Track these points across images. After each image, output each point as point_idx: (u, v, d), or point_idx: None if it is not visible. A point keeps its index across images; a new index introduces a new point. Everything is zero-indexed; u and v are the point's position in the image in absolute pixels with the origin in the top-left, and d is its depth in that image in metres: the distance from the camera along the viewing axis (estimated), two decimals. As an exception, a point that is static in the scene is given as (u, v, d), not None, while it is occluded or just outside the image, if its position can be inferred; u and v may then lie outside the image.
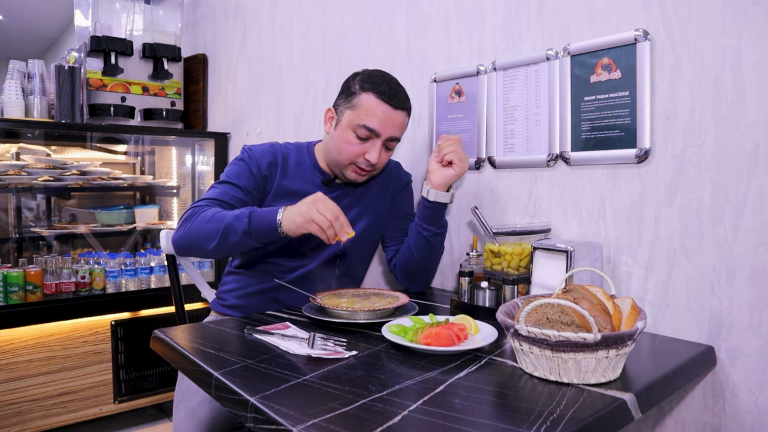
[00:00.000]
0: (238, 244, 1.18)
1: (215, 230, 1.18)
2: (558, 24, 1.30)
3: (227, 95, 2.73)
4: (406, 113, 1.31)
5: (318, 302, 1.17)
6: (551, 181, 1.32)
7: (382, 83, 1.28)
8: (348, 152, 1.30)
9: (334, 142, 1.32)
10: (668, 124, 1.11)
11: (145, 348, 2.32)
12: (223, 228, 1.17)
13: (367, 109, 1.27)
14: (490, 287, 1.22)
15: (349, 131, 1.29)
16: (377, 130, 1.27)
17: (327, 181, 1.39)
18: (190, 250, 1.25)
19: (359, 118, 1.27)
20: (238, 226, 1.16)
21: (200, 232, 1.20)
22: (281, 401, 0.73)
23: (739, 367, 1.02)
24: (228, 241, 1.17)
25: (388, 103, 1.27)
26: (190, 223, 1.23)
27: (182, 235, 1.24)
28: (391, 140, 1.31)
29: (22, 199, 2.58)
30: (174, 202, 2.99)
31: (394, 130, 1.30)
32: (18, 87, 2.42)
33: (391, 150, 1.35)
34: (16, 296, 2.08)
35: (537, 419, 0.68)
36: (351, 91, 1.30)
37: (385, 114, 1.27)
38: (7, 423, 2.01)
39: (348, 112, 1.29)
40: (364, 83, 1.29)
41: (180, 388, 1.33)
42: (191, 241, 1.23)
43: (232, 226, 1.17)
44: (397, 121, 1.29)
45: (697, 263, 1.07)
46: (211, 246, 1.19)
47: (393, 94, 1.28)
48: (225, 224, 1.17)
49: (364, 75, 1.31)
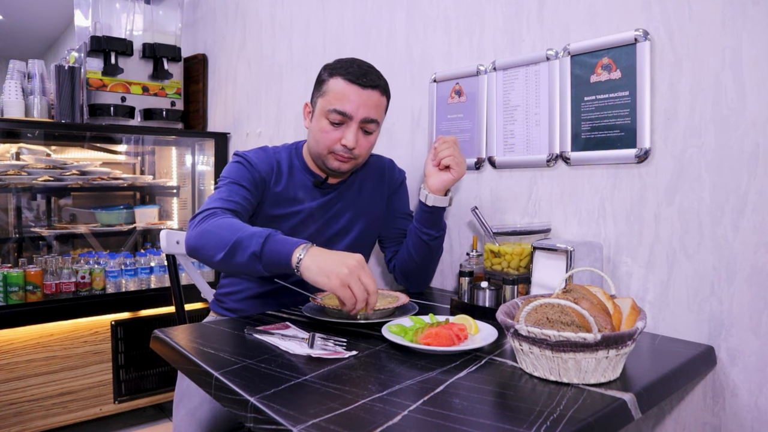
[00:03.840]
0: (244, 265, 1.06)
1: (225, 241, 1.07)
2: (558, 24, 1.30)
3: (227, 95, 2.73)
4: (379, 92, 1.27)
5: (318, 302, 1.17)
6: (551, 181, 1.32)
7: (351, 66, 1.26)
8: (324, 140, 1.27)
9: (312, 133, 1.31)
10: (668, 124, 1.11)
11: (145, 348, 2.32)
12: (233, 242, 1.06)
13: (335, 93, 1.24)
14: (490, 287, 1.22)
15: (322, 119, 1.27)
16: (348, 112, 1.24)
17: (318, 183, 1.36)
18: (197, 254, 1.14)
19: (329, 103, 1.25)
20: (248, 245, 1.04)
21: (211, 238, 1.10)
22: (281, 401, 0.73)
23: (739, 367, 1.02)
24: (234, 259, 1.06)
25: (355, 83, 1.24)
26: (204, 225, 1.13)
27: (193, 236, 1.14)
28: (368, 122, 1.27)
29: (22, 199, 2.58)
30: (174, 202, 2.99)
31: (367, 111, 1.25)
32: (18, 87, 2.42)
33: (371, 134, 1.29)
34: (16, 296, 2.08)
35: (537, 419, 0.68)
36: (321, 80, 1.29)
37: (355, 94, 1.24)
38: (7, 423, 2.01)
39: (320, 100, 1.28)
40: (332, 70, 1.27)
41: (180, 388, 1.33)
42: (200, 245, 1.12)
43: (243, 243, 1.05)
44: (370, 102, 1.25)
45: (697, 263, 1.07)
46: (217, 258, 1.08)
47: (361, 74, 1.25)
48: (237, 238, 1.06)
49: (333, 63, 1.30)
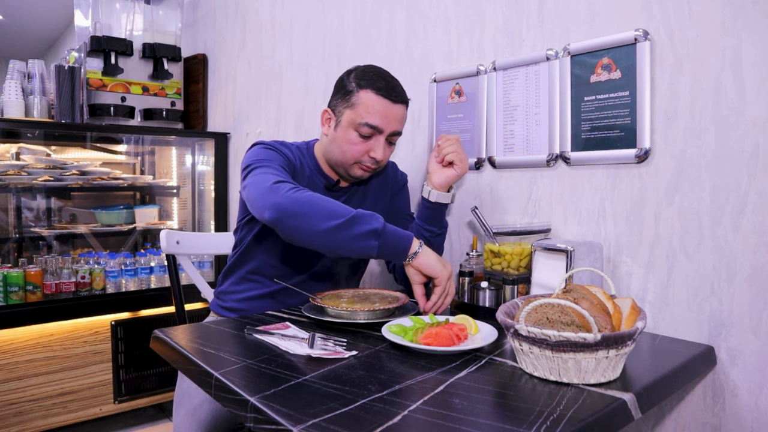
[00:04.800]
0: (356, 238, 1.08)
1: (340, 213, 1.08)
2: (558, 24, 1.30)
3: (227, 95, 2.73)
4: (404, 106, 1.31)
5: (318, 302, 1.17)
6: (551, 181, 1.32)
7: (379, 79, 1.27)
8: (352, 152, 1.28)
9: (337, 143, 1.30)
10: (668, 124, 1.11)
11: (145, 348, 2.32)
12: (353, 215, 1.08)
13: (367, 107, 1.25)
14: (490, 287, 1.22)
15: (350, 130, 1.27)
16: (380, 126, 1.26)
17: (330, 186, 1.37)
18: (296, 220, 1.08)
19: (360, 116, 1.26)
20: (369, 221, 1.09)
21: (318, 208, 1.08)
22: (281, 401, 0.73)
23: (739, 367, 1.02)
24: (351, 231, 1.07)
25: (387, 98, 1.26)
26: (299, 194, 1.10)
27: (289, 203, 1.08)
28: (394, 135, 1.30)
29: (22, 199, 2.58)
30: (174, 202, 2.99)
31: (396, 125, 1.29)
32: (18, 87, 2.42)
33: (394, 144, 1.34)
34: (16, 296, 2.08)
35: (537, 419, 0.68)
36: (348, 90, 1.28)
37: (386, 109, 1.26)
38: (7, 423, 2.01)
39: (348, 111, 1.28)
40: (360, 80, 1.27)
41: (180, 388, 1.33)
42: (303, 211, 1.08)
43: (363, 218, 1.09)
44: (398, 116, 1.29)
45: (697, 263, 1.07)
46: (325, 226, 1.07)
47: (391, 89, 1.27)
48: (355, 213, 1.09)
49: (359, 72, 1.30)
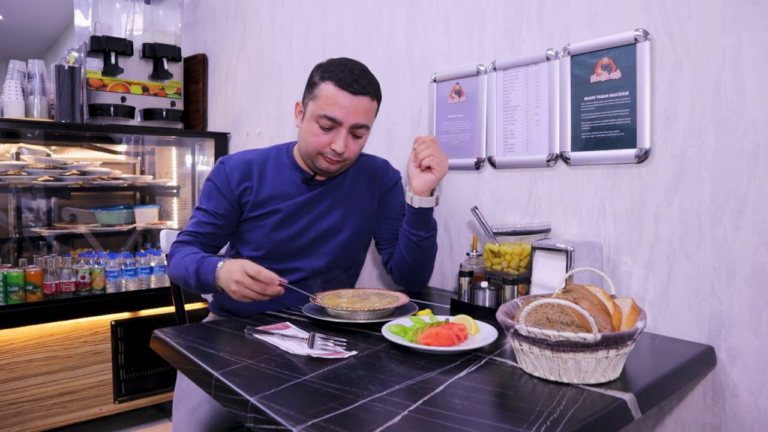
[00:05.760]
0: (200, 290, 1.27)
1: (183, 276, 1.27)
2: (558, 24, 1.30)
3: (227, 95, 2.73)
4: (369, 98, 1.27)
5: (318, 302, 1.17)
6: (551, 181, 1.32)
7: (342, 70, 1.26)
8: (314, 143, 1.28)
9: (302, 135, 1.32)
10: (668, 124, 1.11)
11: (145, 348, 2.32)
12: (185, 276, 1.27)
13: (327, 99, 1.25)
14: (490, 287, 1.22)
15: (312, 122, 1.28)
16: (338, 118, 1.25)
17: (306, 180, 1.38)
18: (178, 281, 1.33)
19: (320, 108, 1.25)
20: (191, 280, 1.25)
21: (177, 274, 1.30)
22: (281, 401, 0.73)
23: (739, 367, 1.02)
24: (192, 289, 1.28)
25: (346, 90, 1.24)
26: (172, 261, 1.33)
27: (169, 272, 1.38)
28: (358, 128, 1.28)
29: (22, 199, 2.58)
30: (174, 202, 2.99)
31: (357, 117, 1.26)
32: (18, 87, 2.41)
33: (361, 138, 1.31)
34: (16, 296, 2.08)
35: (537, 419, 0.68)
36: (313, 82, 1.29)
37: (346, 101, 1.24)
38: (7, 423, 2.01)
39: (311, 103, 1.28)
40: (324, 72, 1.27)
41: (179, 388, 1.33)
42: (174, 279, 1.35)
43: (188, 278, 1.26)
44: (360, 108, 1.26)
45: (697, 263, 1.07)
46: (188, 289, 1.31)
47: (352, 80, 1.24)
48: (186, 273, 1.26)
49: (325, 64, 1.30)
